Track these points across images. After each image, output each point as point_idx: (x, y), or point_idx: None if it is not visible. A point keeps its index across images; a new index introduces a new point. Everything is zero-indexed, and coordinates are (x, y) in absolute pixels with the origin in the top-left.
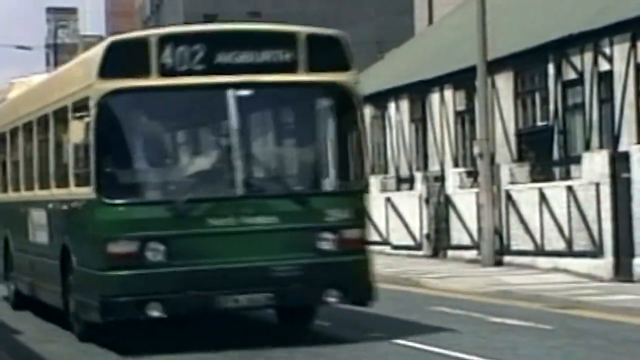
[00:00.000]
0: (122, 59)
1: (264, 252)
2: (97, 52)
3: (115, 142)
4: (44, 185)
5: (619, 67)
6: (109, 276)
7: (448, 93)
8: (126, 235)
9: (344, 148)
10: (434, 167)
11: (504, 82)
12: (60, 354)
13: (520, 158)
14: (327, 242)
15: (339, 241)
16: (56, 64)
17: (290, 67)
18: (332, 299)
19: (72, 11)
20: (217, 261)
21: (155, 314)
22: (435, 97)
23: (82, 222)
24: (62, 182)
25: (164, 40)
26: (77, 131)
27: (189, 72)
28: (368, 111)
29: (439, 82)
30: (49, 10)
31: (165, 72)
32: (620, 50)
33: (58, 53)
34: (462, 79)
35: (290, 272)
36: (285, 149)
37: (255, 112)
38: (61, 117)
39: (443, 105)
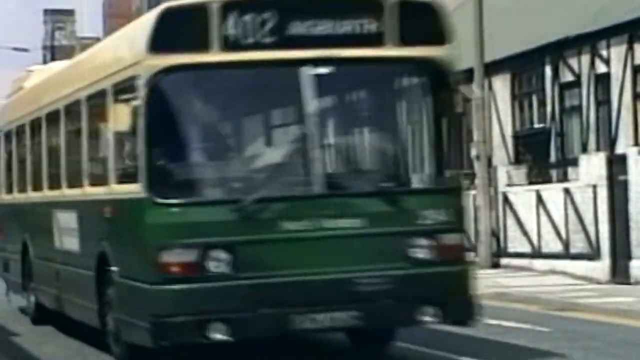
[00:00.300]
0: (177, 29)
1: (348, 262)
2: (146, 22)
3: (170, 130)
4: (75, 183)
5: (616, 69)
6: (163, 291)
7: None
8: (183, 241)
9: (439, 136)
10: None
11: (501, 84)
12: (57, 356)
13: (518, 160)
14: (422, 250)
15: (436, 248)
16: None
17: (377, 40)
18: (428, 318)
19: (70, 13)
20: (292, 273)
21: (219, 336)
22: None
23: (126, 225)
24: (99, 179)
25: (227, 7)
26: (120, 118)
27: (257, 46)
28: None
29: None
30: (46, 11)
31: (228, 45)
32: (617, 53)
33: (55, 55)
34: (459, 81)
35: (379, 285)
36: (370, 137)
37: (336, 94)
38: (98, 102)
39: None
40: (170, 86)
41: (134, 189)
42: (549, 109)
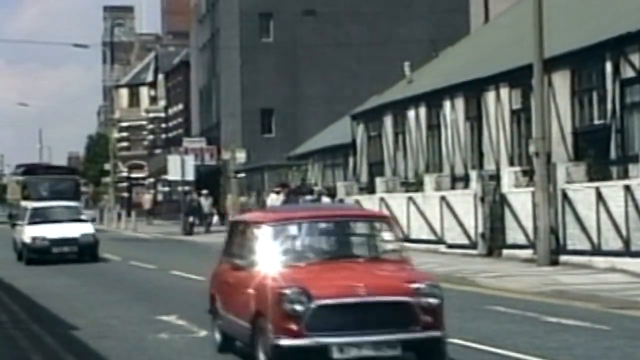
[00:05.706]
0: None
1: None
2: None
3: None
4: None
5: None
6: None
7: (504, 91)
8: None
9: None
10: (489, 166)
11: (561, 81)
12: (115, 350)
13: (577, 157)
14: None
15: None
16: (113, 62)
17: None
18: None
19: (129, 9)
20: None
21: None
22: (490, 96)
23: None
24: None
25: None
26: None
27: None
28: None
29: (495, 81)
30: (106, 8)
31: None
32: None
33: (114, 51)
34: (518, 77)
35: None
36: None
37: None
38: None
39: (499, 103)
40: None
41: None
42: (609, 105)
